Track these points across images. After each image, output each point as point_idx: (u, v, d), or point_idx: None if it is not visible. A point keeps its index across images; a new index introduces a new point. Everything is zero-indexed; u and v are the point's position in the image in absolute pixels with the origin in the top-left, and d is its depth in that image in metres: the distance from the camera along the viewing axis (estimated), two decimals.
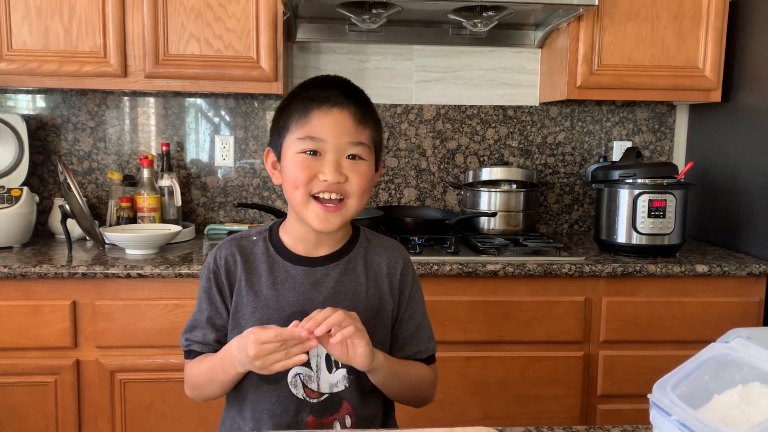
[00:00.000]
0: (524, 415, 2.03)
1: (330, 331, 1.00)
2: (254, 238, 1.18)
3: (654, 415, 0.74)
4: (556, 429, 1.01)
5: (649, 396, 0.74)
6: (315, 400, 1.12)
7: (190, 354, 1.18)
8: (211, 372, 1.12)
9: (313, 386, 1.12)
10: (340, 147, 1.07)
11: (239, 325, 1.13)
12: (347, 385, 1.13)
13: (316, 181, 1.07)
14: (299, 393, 1.12)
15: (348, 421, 1.13)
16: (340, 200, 1.08)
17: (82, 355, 1.92)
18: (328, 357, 1.12)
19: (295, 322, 1.00)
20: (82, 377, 1.93)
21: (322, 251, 1.16)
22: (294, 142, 1.08)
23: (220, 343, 1.16)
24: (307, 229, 1.13)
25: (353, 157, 1.08)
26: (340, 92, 1.09)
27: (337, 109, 1.07)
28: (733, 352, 0.75)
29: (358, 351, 1.01)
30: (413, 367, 1.18)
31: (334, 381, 1.12)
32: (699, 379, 0.75)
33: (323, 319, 0.99)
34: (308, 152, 1.07)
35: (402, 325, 1.19)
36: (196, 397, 1.20)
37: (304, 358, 0.99)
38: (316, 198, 1.08)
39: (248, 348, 0.98)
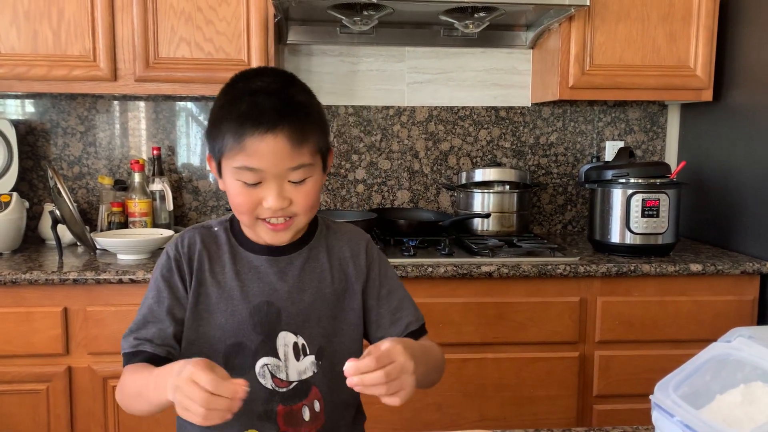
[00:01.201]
0: (520, 416, 2.02)
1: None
2: (215, 228, 1.16)
3: (656, 417, 0.74)
4: (555, 431, 1.01)
5: (651, 397, 0.74)
6: (284, 389, 1.10)
7: (137, 356, 1.06)
8: (143, 385, 1.00)
9: (282, 376, 1.10)
10: (280, 173, 1.01)
11: (200, 318, 1.10)
12: (315, 371, 1.11)
13: (260, 208, 1.03)
14: (268, 383, 1.09)
15: (317, 406, 1.12)
16: (289, 218, 1.06)
17: (74, 362, 1.90)
18: (295, 345, 1.10)
19: (242, 383, 0.86)
20: (74, 384, 1.91)
21: None
22: (232, 169, 1.02)
23: (176, 340, 1.09)
24: None
25: (296, 179, 1.04)
26: (274, 107, 1.00)
27: (271, 135, 0.99)
28: (734, 351, 0.74)
29: (403, 396, 0.93)
30: (431, 346, 1.14)
31: (303, 368, 1.11)
32: (701, 379, 0.75)
33: (358, 371, 0.88)
34: (247, 183, 1.03)
35: (383, 302, 1.18)
36: (125, 408, 1.09)
37: (219, 422, 0.86)
38: (263, 219, 1.05)
39: (182, 372, 0.87)
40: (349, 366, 0.88)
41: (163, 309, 1.09)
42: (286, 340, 1.10)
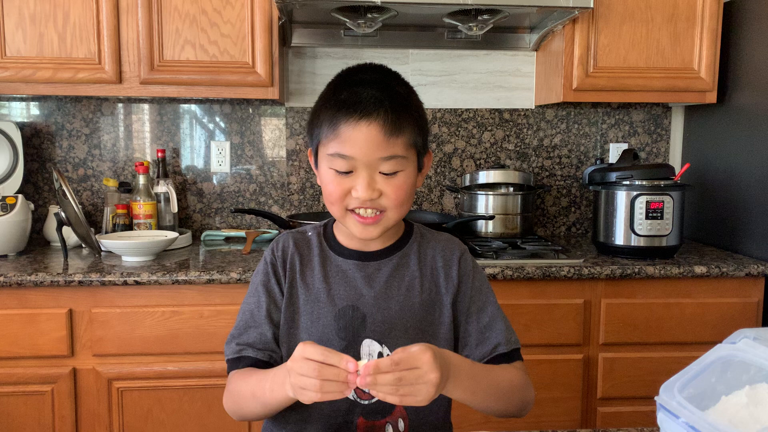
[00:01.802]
0: (525, 418, 2.01)
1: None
2: (309, 233, 1.16)
3: (661, 418, 0.74)
4: None
5: (656, 398, 0.74)
6: (366, 402, 1.07)
7: (240, 362, 1.08)
8: (257, 386, 1.01)
9: None
10: (372, 163, 1.01)
11: (291, 319, 1.10)
12: None
13: (350, 197, 1.03)
14: (350, 394, 1.05)
15: (401, 424, 1.08)
16: (379, 212, 1.04)
17: (79, 363, 1.90)
18: (380, 355, 1.07)
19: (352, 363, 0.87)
20: (79, 386, 1.91)
21: (375, 246, 1.13)
22: (326, 156, 1.04)
23: (276, 342, 1.10)
24: None
25: (387, 171, 1.02)
26: (372, 96, 1.01)
27: (365, 122, 0.99)
28: (740, 353, 0.74)
29: (411, 402, 0.88)
30: (501, 373, 1.07)
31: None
32: (706, 380, 0.75)
33: (377, 370, 0.85)
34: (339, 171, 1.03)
35: (471, 318, 1.12)
36: (234, 414, 1.09)
37: (337, 395, 0.87)
38: (352, 210, 1.05)
39: (295, 355, 0.89)
40: (368, 363, 0.86)
41: (262, 313, 1.10)
42: (370, 348, 1.08)
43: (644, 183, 2.09)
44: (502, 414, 1.09)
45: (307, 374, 0.86)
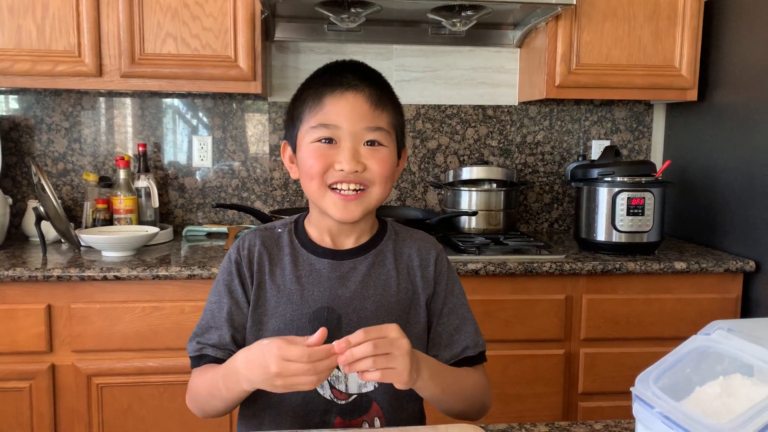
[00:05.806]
0: (506, 413, 2.03)
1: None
2: (279, 230, 1.13)
3: (637, 408, 0.74)
4: (539, 425, 1.01)
5: (631, 389, 0.74)
6: (343, 402, 1.06)
7: (201, 359, 1.07)
8: (212, 386, 1.01)
9: (341, 387, 1.06)
10: (357, 133, 1.01)
11: (260, 321, 1.07)
12: (377, 385, 1.06)
13: (332, 171, 1.01)
14: (326, 394, 1.05)
15: (377, 423, 1.07)
16: (361, 189, 1.03)
17: (58, 359, 1.88)
18: None
19: (326, 345, 0.88)
20: (57, 382, 1.89)
21: (349, 243, 1.11)
22: (308, 132, 1.03)
23: (236, 344, 1.07)
24: (330, 220, 1.07)
25: (371, 143, 1.03)
26: (355, 75, 1.04)
27: (351, 92, 1.02)
28: (714, 344, 0.75)
29: (392, 376, 0.90)
30: (466, 375, 1.08)
31: (363, 381, 1.05)
32: (681, 371, 0.75)
33: (355, 344, 0.87)
34: (323, 140, 1.02)
35: (443, 320, 1.12)
36: (197, 412, 1.08)
37: (329, 374, 0.90)
38: (333, 188, 1.03)
39: (270, 364, 0.87)
40: (338, 340, 0.86)
41: (223, 314, 1.08)
42: None
43: (626, 179, 2.10)
44: (462, 415, 1.10)
45: (300, 373, 0.86)
